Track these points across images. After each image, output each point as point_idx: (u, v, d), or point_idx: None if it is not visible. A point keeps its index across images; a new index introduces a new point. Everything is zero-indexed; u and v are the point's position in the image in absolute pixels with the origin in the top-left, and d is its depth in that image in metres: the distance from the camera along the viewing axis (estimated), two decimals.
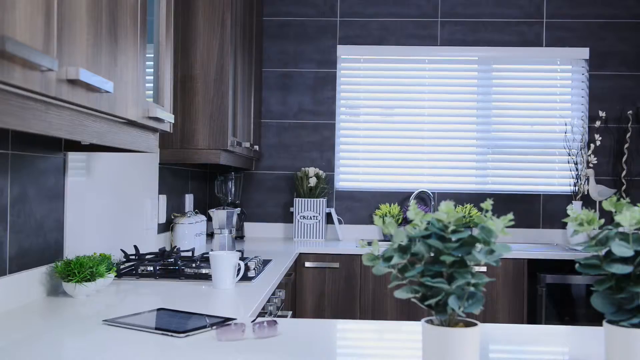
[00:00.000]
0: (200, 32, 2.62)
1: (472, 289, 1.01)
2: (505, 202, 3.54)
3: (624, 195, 3.45)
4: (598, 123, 3.48)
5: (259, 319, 1.33)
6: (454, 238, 0.98)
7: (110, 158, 2.15)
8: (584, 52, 3.54)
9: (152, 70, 1.70)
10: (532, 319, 3.07)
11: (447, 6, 3.60)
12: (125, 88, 1.38)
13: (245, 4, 3.02)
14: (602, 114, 3.46)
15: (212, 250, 2.52)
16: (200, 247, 2.78)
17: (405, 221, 3.43)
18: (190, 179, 3.21)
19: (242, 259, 2.35)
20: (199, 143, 2.62)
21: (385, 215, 3.43)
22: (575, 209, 1.05)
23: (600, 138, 3.47)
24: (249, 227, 3.53)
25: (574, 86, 3.60)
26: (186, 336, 1.24)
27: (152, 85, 1.70)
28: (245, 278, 1.98)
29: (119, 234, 2.21)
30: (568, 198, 3.53)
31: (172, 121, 1.72)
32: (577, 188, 3.47)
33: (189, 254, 2.44)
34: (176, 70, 2.63)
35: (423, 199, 3.60)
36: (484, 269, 2.97)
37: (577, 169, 3.50)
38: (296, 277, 3.03)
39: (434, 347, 0.98)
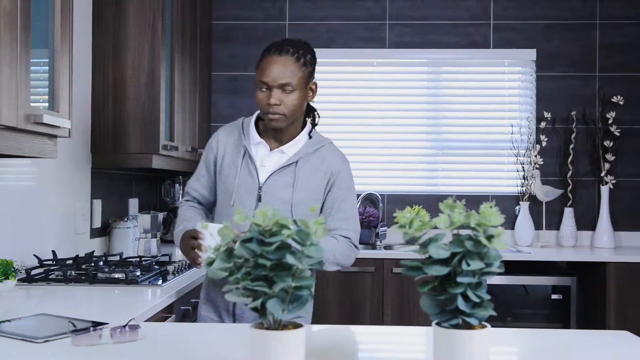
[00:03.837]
0: (131, 37, 2.62)
1: (300, 292, 1.01)
2: None
3: (569, 195, 3.46)
4: (544, 124, 3.49)
5: (132, 323, 1.33)
6: (271, 241, 0.98)
7: (30, 164, 2.15)
8: (531, 54, 3.55)
9: (47, 75, 1.71)
10: None
11: (395, 8, 3.62)
12: None
13: (185, 8, 3.02)
14: (547, 114, 3.47)
15: (139, 254, 2.53)
16: (135, 252, 2.78)
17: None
18: (135, 183, 3.21)
19: (167, 262, 2.35)
20: (130, 147, 2.62)
21: None
22: (408, 210, 1.05)
23: (546, 139, 3.48)
24: None
25: (522, 87, 3.61)
26: (44, 342, 1.24)
27: (47, 90, 1.71)
28: (153, 283, 1.98)
29: (39, 239, 2.21)
30: (517, 199, 3.54)
31: (69, 127, 1.72)
32: (524, 189, 3.48)
33: (117, 258, 2.43)
34: (107, 75, 2.63)
35: (373, 201, 3.61)
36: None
37: (524, 170, 3.50)
38: None
39: (255, 349, 0.99)
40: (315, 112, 1.90)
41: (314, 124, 1.88)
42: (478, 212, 1.00)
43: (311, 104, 1.86)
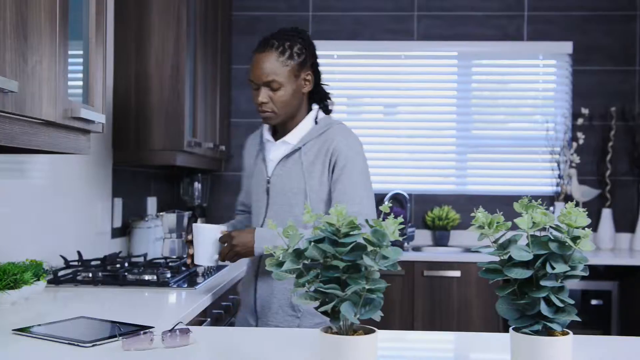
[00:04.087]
0: (155, 29, 2.50)
1: (373, 295, 0.90)
2: (485, 204, 3.40)
3: (608, 195, 3.31)
4: (581, 121, 3.34)
5: (179, 327, 1.21)
6: (346, 242, 0.86)
7: (51, 160, 2.04)
8: (568, 46, 3.40)
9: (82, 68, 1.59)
10: (507, 327, 2.94)
11: None
12: (40, 87, 1.29)
13: None
14: (584, 110, 3.32)
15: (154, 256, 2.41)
16: (157, 252, 2.66)
17: None
18: (154, 181, 3.09)
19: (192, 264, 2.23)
20: (154, 144, 2.50)
21: None
22: (481, 211, 0.93)
23: (583, 136, 3.34)
24: None
25: (557, 82, 3.47)
26: (92, 346, 1.15)
27: (81, 83, 1.59)
28: (190, 283, 1.87)
29: (62, 239, 2.10)
30: (552, 199, 3.39)
31: (104, 122, 1.61)
32: (559, 188, 3.33)
33: (141, 259, 2.31)
34: (130, 67, 2.51)
35: (400, 200, 3.48)
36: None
37: (559, 169, 3.36)
38: None
39: (326, 354, 0.88)
40: (328, 99, 1.79)
41: (327, 110, 1.78)
42: (524, 213, 0.90)
43: (325, 88, 1.78)
